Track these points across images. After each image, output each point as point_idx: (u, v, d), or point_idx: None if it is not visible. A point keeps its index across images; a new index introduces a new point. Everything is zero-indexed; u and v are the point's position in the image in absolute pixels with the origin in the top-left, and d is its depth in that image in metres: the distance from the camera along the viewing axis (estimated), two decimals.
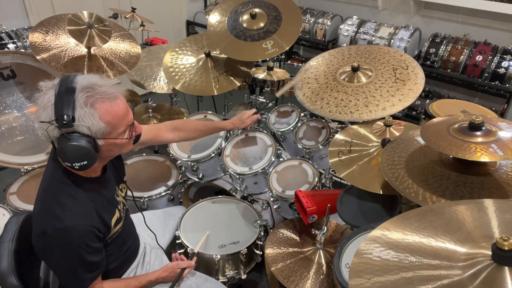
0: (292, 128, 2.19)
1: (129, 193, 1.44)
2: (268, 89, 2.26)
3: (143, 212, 1.58)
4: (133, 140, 1.22)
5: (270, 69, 2.11)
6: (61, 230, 1.04)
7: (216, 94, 2.22)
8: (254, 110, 1.90)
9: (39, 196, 1.13)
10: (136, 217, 1.59)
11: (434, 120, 1.36)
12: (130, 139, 1.16)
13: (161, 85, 2.50)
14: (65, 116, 0.99)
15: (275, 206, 1.90)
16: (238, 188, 1.99)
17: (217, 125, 1.83)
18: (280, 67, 3.23)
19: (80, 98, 1.01)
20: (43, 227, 1.05)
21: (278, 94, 2.08)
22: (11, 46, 2.86)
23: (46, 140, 1.05)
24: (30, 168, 1.96)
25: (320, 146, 2.06)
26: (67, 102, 1.00)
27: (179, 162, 2.03)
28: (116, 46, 2.13)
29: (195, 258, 1.52)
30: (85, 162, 1.04)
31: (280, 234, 1.67)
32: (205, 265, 1.62)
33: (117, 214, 1.25)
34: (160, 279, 1.35)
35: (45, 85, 1.05)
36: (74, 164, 1.04)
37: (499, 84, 3.25)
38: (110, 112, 1.05)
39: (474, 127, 1.19)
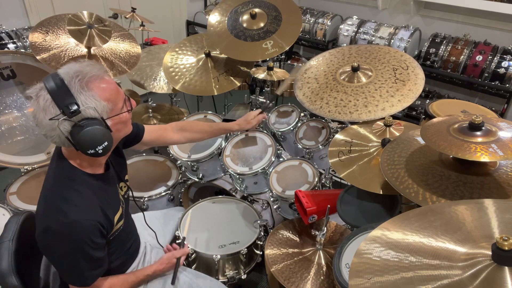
0: (292, 128, 2.19)
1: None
2: (268, 89, 2.26)
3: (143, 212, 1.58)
4: (130, 114, 1.21)
5: (270, 69, 2.11)
6: (66, 225, 1.04)
7: (216, 94, 2.22)
8: (259, 110, 1.88)
9: (43, 193, 1.12)
10: (136, 217, 1.59)
11: (434, 120, 1.36)
12: (130, 110, 1.16)
13: (161, 85, 2.50)
14: (69, 104, 0.99)
15: (275, 206, 1.90)
16: (238, 188, 1.99)
17: (223, 127, 1.81)
18: (280, 67, 3.23)
19: (74, 85, 1.01)
20: (48, 223, 1.05)
21: (278, 91, 2.08)
22: (11, 46, 2.87)
23: (59, 140, 1.04)
24: (30, 168, 1.96)
25: (320, 146, 2.06)
26: (64, 93, 1.00)
27: (179, 162, 2.03)
28: (116, 46, 2.13)
29: (187, 244, 1.53)
30: (106, 143, 1.05)
31: (280, 235, 1.67)
32: (205, 265, 1.62)
33: (120, 211, 1.25)
34: (158, 272, 1.36)
35: (33, 90, 1.03)
36: (97, 149, 1.04)
37: (499, 84, 3.24)
38: (105, 89, 1.06)
39: (474, 127, 1.19)
